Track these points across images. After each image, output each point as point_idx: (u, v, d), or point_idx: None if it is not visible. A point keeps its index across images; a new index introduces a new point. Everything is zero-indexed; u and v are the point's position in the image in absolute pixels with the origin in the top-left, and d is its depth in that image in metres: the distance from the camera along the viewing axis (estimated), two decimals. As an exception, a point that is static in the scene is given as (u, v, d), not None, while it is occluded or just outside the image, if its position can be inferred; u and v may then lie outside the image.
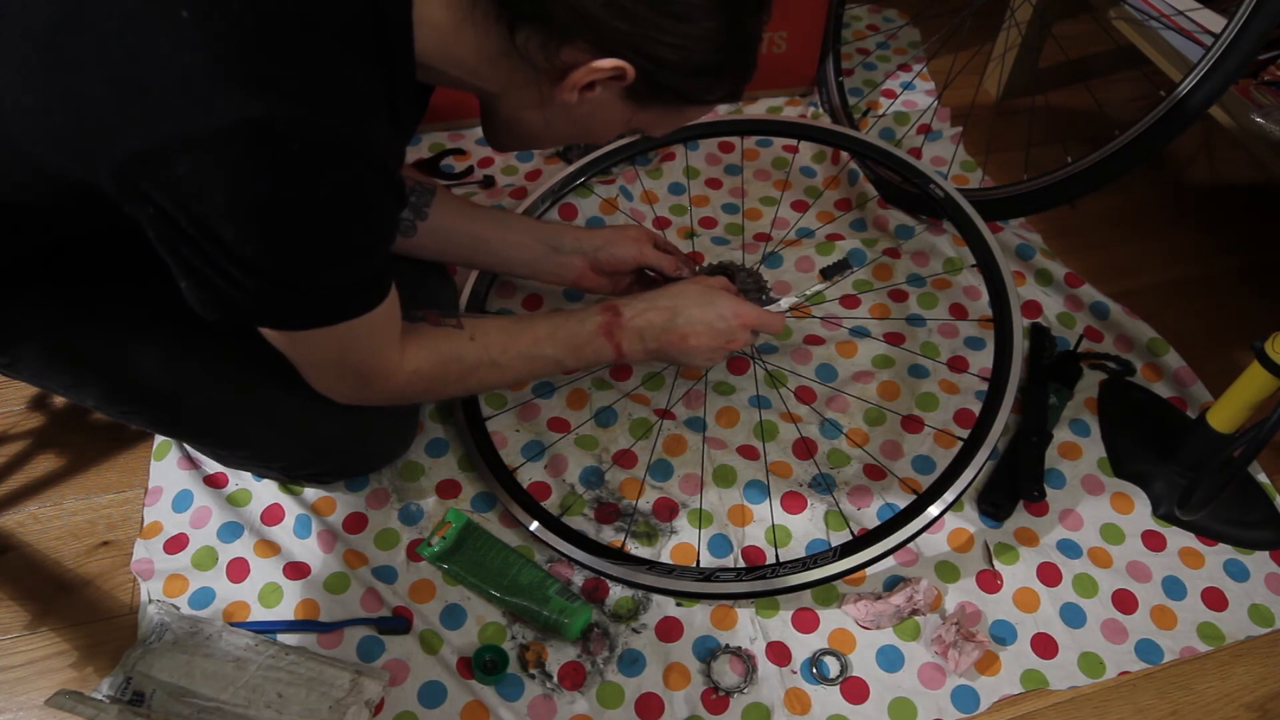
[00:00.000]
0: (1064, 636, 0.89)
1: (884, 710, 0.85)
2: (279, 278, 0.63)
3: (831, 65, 1.42)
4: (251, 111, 0.54)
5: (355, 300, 0.69)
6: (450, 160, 1.34)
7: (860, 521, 0.97)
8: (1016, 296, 0.98)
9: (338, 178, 0.60)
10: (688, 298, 0.91)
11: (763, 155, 1.37)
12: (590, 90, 0.69)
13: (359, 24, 0.59)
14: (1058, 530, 0.97)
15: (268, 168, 0.57)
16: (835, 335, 1.14)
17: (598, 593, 0.91)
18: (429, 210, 0.95)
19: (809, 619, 0.90)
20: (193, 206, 0.57)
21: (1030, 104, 1.48)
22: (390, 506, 0.97)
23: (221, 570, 0.92)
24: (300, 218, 0.60)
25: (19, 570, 0.94)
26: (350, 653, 0.86)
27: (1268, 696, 0.88)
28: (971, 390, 1.09)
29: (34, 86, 0.57)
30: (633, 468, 1.01)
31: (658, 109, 0.74)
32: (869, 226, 1.28)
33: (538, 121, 0.75)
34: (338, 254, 0.65)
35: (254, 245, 0.60)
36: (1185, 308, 1.20)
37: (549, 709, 0.84)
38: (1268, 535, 0.96)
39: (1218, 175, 1.42)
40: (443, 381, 0.83)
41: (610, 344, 0.90)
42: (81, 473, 1.01)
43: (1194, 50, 1.15)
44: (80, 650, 0.88)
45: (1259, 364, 0.85)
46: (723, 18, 0.66)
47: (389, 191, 0.66)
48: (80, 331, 0.79)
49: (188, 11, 0.53)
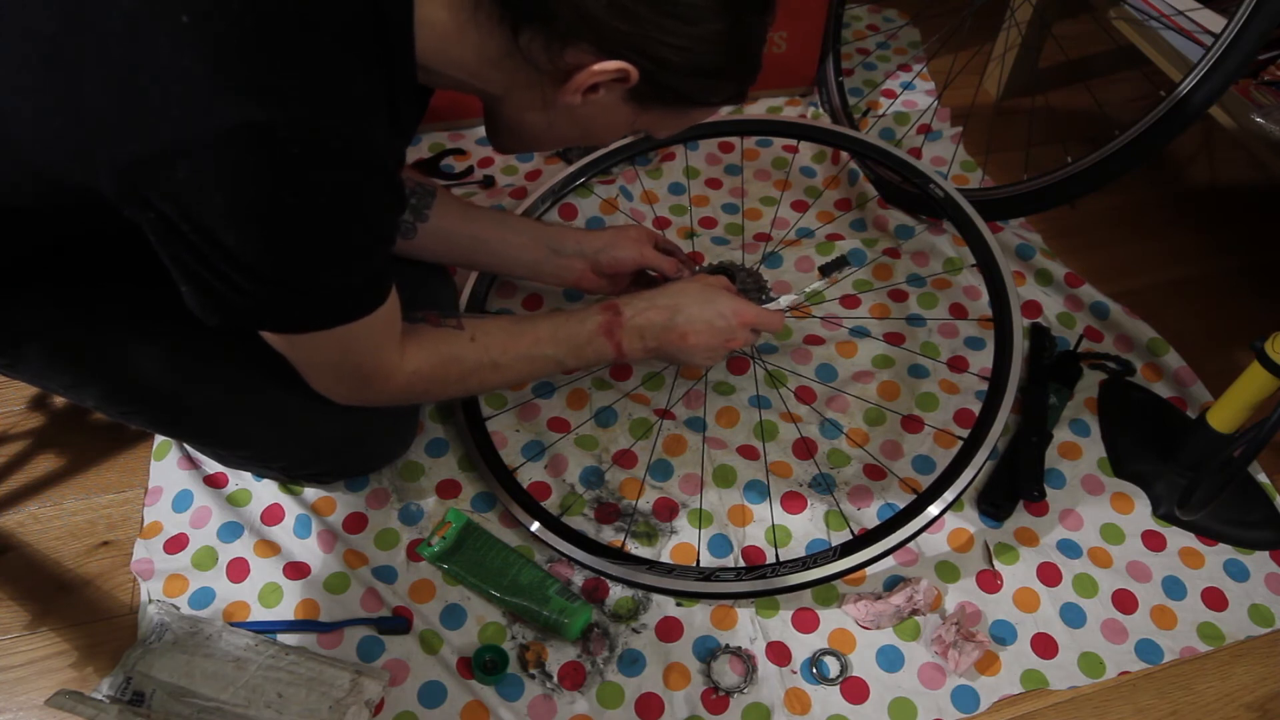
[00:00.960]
0: (1064, 636, 0.89)
1: (884, 710, 0.85)
2: (280, 281, 0.63)
3: (831, 65, 1.42)
4: (252, 115, 0.54)
5: (356, 302, 0.69)
6: (450, 160, 1.34)
7: (860, 521, 0.97)
8: (1016, 296, 0.98)
9: (338, 181, 0.60)
10: (688, 296, 0.91)
11: (763, 155, 1.37)
12: (594, 92, 0.68)
13: (359, 25, 0.59)
14: (1058, 530, 0.97)
15: (268, 171, 0.57)
16: (835, 335, 1.14)
17: (598, 593, 0.91)
18: (429, 212, 0.95)
19: (809, 619, 0.90)
20: (193, 211, 0.57)
21: (1030, 104, 1.48)
22: (390, 506, 0.97)
23: (221, 570, 0.92)
24: (301, 221, 0.60)
25: (19, 570, 0.94)
26: (350, 653, 0.86)
27: (1268, 696, 0.88)
28: (971, 390, 1.09)
29: (33, 88, 0.56)
30: (633, 468, 1.01)
31: (661, 111, 0.73)
32: (869, 226, 1.28)
33: (541, 124, 0.75)
34: (338, 256, 0.65)
35: (255, 249, 0.60)
36: (1185, 308, 1.20)
37: (549, 709, 0.84)
38: (1268, 535, 0.96)
39: (1218, 175, 1.42)
40: (443, 382, 0.83)
41: (611, 343, 0.90)
42: (81, 473, 1.01)
43: (1194, 50, 1.15)
44: (80, 650, 0.88)
45: (1259, 364, 0.85)
46: (727, 19, 0.66)
47: (389, 194, 0.66)
48: (80, 332, 0.79)
49: (188, 16, 0.53)
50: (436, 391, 0.84)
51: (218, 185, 0.56)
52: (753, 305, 0.94)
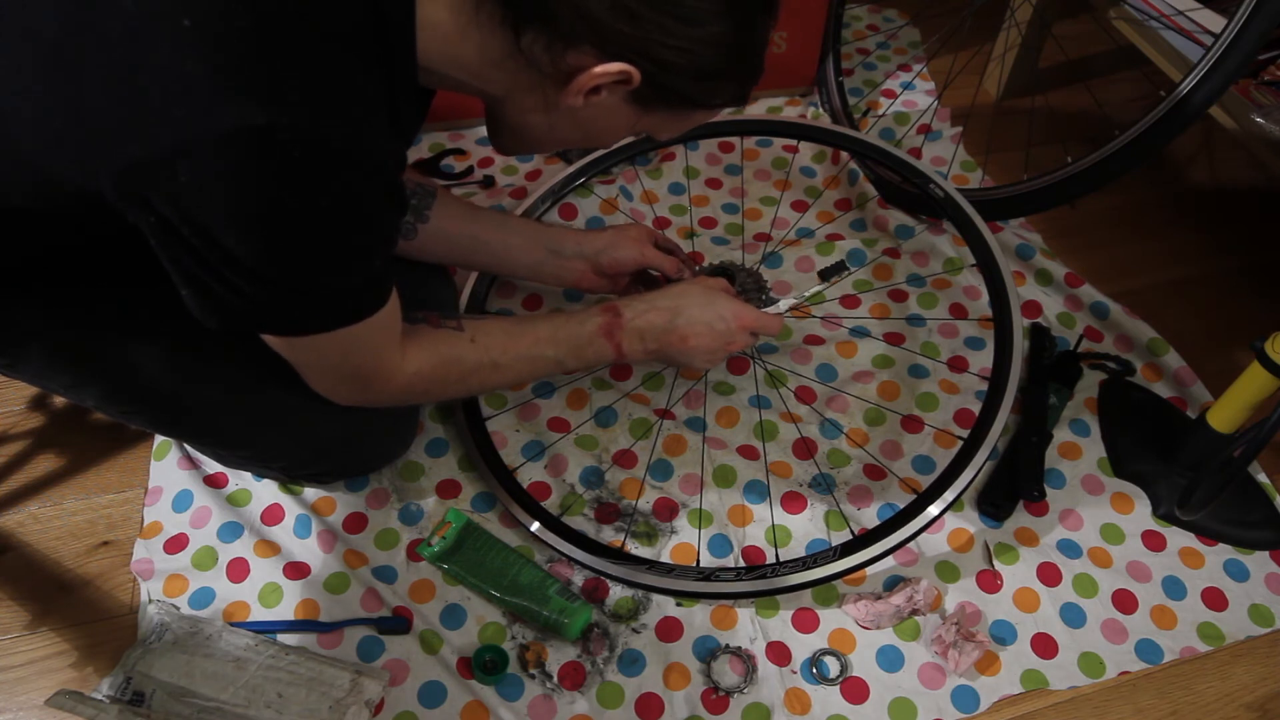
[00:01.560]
0: (1064, 636, 0.89)
1: (884, 710, 0.85)
2: (280, 284, 0.63)
3: (831, 65, 1.42)
4: (252, 119, 0.54)
5: (356, 305, 0.69)
6: (450, 160, 1.34)
7: (860, 521, 0.96)
8: (1016, 296, 0.98)
9: (338, 184, 0.60)
10: (688, 299, 0.91)
11: (763, 155, 1.37)
12: (596, 94, 0.68)
13: (360, 27, 0.59)
14: (1058, 530, 0.97)
15: (269, 175, 0.57)
16: (835, 335, 1.14)
17: (598, 593, 0.91)
18: (430, 213, 0.95)
19: (809, 619, 0.90)
20: (194, 214, 0.57)
21: (1030, 104, 1.48)
22: (390, 506, 0.97)
23: (221, 570, 0.92)
24: (301, 224, 0.60)
25: (19, 570, 0.94)
26: (350, 653, 0.86)
27: (1268, 696, 0.88)
28: (971, 390, 1.09)
29: (33, 89, 0.56)
30: (633, 468, 1.01)
31: (664, 113, 0.73)
32: (869, 226, 1.28)
33: (543, 125, 0.74)
34: (338, 259, 0.65)
35: (255, 251, 0.60)
36: (1185, 308, 1.20)
37: (549, 709, 0.84)
38: (1268, 535, 0.96)
39: (1218, 175, 1.42)
40: (443, 383, 0.83)
41: (611, 344, 0.90)
42: (81, 473, 1.01)
43: (1194, 50, 1.15)
44: (80, 650, 0.88)
45: (1259, 364, 0.85)
46: (730, 21, 0.66)
47: (390, 197, 0.66)
48: (81, 332, 0.79)
49: (189, 19, 0.53)
50: (436, 392, 0.84)
51: (218, 188, 0.56)
52: (752, 308, 0.93)
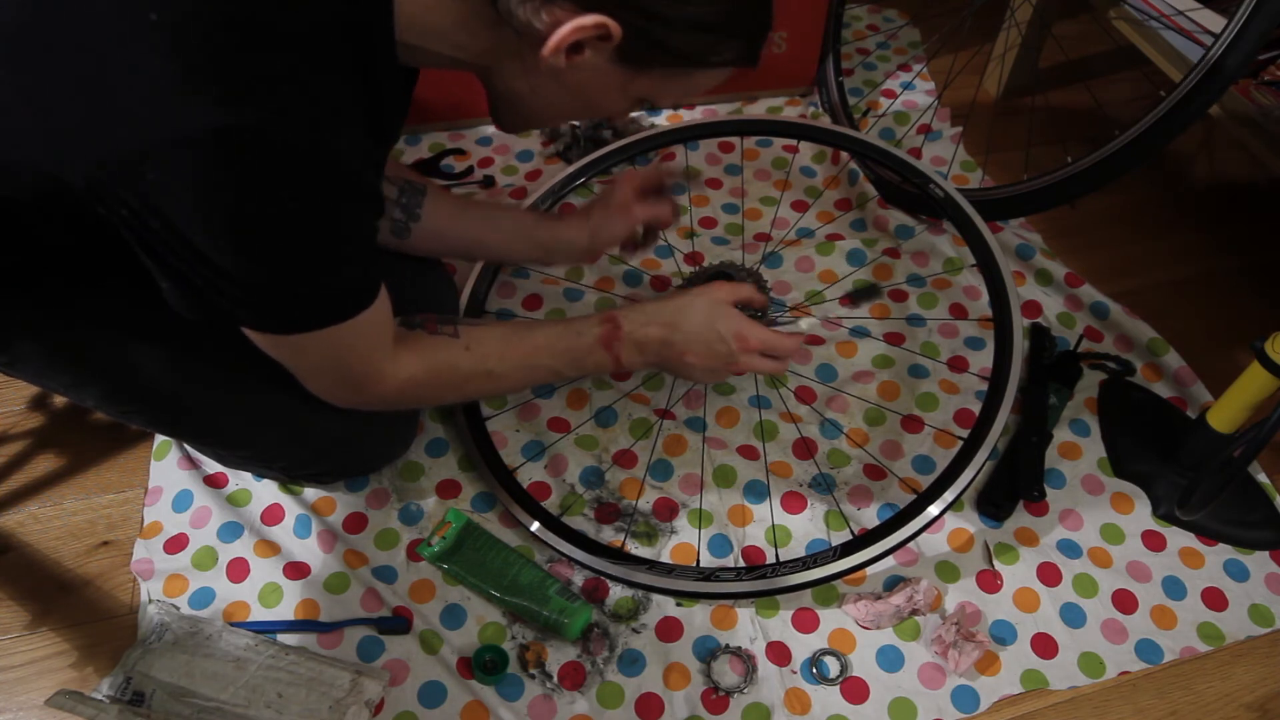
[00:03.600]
0: (1064, 636, 0.89)
1: (884, 710, 0.85)
2: (252, 284, 0.62)
3: (831, 65, 1.42)
4: (217, 121, 0.53)
5: (337, 306, 0.68)
6: (450, 160, 1.34)
7: (860, 521, 0.96)
8: (1016, 296, 0.98)
9: (305, 185, 0.59)
10: (688, 314, 0.87)
11: (763, 155, 1.37)
12: (578, 54, 0.64)
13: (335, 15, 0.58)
14: (1058, 530, 0.97)
15: (234, 178, 0.56)
16: (835, 335, 1.14)
17: (598, 593, 0.91)
18: (421, 211, 0.95)
19: (809, 619, 0.90)
20: (164, 212, 0.57)
21: (1030, 104, 1.48)
22: (390, 506, 0.97)
23: (221, 570, 0.92)
24: (269, 226, 0.59)
25: (19, 570, 0.94)
26: (350, 653, 0.86)
27: (1268, 696, 0.88)
28: (971, 390, 1.09)
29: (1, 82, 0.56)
30: (633, 468, 1.01)
31: (658, 73, 0.68)
32: (869, 226, 1.28)
33: (527, 91, 0.71)
34: (311, 261, 0.64)
35: (224, 252, 0.59)
36: (1185, 308, 1.20)
37: (549, 709, 0.84)
38: (1268, 535, 0.96)
39: (1218, 175, 1.42)
40: (437, 389, 0.83)
41: (609, 355, 0.87)
42: (81, 473, 1.01)
43: (1194, 50, 1.15)
44: (80, 650, 0.88)
45: (1259, 364, 0.85)
46: None
47: (360, 199, 0.64)
48: (80, 331, 0.78)
49: (155, 15, 0.52)
50: (431, 398, 0.84)
51: (184, 189, 0.56)
52: (759, 327, 0.87)
